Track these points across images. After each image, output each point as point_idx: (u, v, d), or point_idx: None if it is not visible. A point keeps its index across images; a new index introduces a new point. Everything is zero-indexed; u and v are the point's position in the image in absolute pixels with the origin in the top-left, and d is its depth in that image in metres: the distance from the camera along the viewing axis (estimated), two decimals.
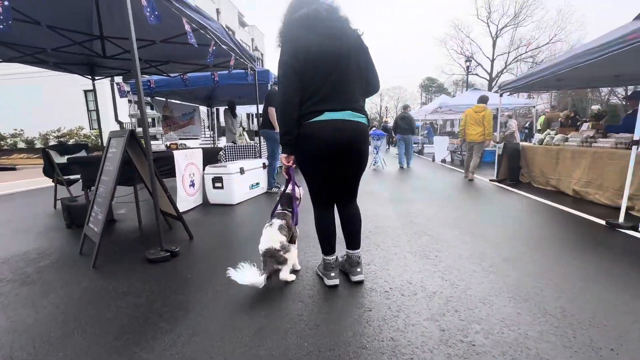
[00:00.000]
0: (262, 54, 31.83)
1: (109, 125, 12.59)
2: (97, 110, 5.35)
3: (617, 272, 2.22)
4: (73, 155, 3.96)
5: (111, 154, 2.69)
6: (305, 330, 1.59)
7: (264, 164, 5.23)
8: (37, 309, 1.85)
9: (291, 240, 2.15)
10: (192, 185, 4.38)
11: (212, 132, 10.68)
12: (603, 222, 3.39)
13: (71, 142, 6.77)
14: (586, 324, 1.63)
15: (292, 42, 1.71)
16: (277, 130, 5.06)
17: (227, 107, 7.62)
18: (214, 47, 3.51)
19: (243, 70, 5.36)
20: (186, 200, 4.17)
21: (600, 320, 1.66)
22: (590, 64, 4.04)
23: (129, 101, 14.12)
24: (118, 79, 6.34)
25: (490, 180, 6.52)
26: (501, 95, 6.79)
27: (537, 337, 1.52)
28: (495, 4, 28.68)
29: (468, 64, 18.73)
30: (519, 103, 11.69)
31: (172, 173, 3.96)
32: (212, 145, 10.53)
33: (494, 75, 29.18)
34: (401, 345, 1.48)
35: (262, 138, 5.75)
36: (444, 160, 10.78)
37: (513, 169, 6.33)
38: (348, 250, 2.10)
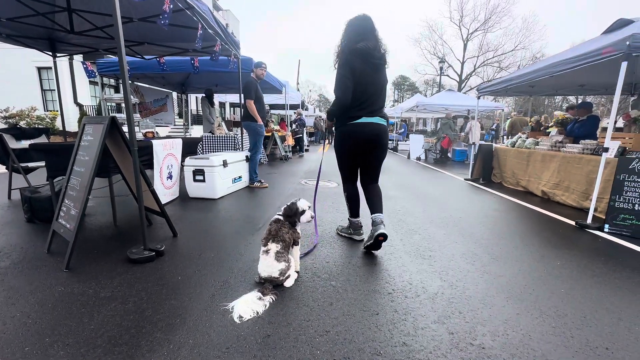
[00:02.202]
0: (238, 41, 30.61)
1: (67, 107, 11.50)
2: (58, 91, 4.80)
3: (595, 270, 2.38)
4: (36, 141, 3.53)
5: (86, 142, 2.41)
6: (315, 337, 1.53)
7: (246, 156, 5.03)
8: (3, 321, 1.62)
9: (294, 242, 2.06)
10: (170, 177, 4.11)
11: (185, 121, 10.12)
12: (573, 223, 3.64)
13: (22, 123, 6.08)
14: (579, 323, 1.72)
15: (350, 65, 2.40)
16: (259, 122, 4.92)
17: (204, 95, 7.23)
18: (201, 31, 3.26)
19: (225, 57, 5.08)
20: (163, 193, 3.91)
21: (591, 320, 1.76)
22: (563, 73, 4.30)
23: (91, 82, 13.00)
24: (79, 57, 5.76)
25: (465, 179, 6.80)
26: (479, 98, 7.05)
27: (540, 338, 1.58)
28: (467, 8, 29.62)
29: (441, 64, 19.31)
30: (489, 106, 12.29)
31: (149, 164, 3.68)
32: (184, 134, 10.02)
33: (463, 77, 30.42)
34: (414, 350, 1.47)
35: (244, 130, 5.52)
36: (418, 158, 11.09)
37: (486, 169, 6.65)
38: (373, 215, 2.58)
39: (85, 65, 5.01)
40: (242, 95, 5.49)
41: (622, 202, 3.31)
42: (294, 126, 13.16)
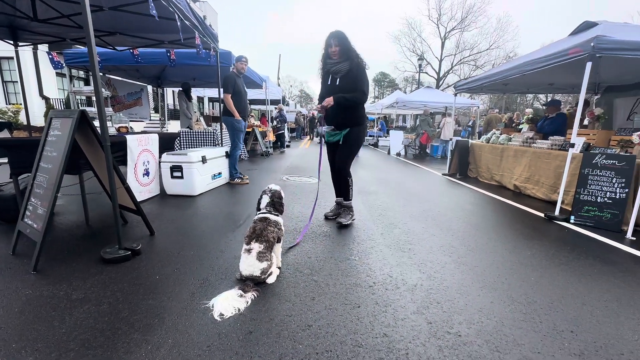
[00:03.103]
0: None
1: (31, 101, 10.82)
2: (21, 83, 4.49)
3: (562, 259, 2.53)
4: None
5: (54, 137, 2.28)
6: (297, 332, 1.53)
7: (226, 152, 4.93)
8: None
9: (277, 240, 2.05)
10: (147, 174, 3.96)
11: (161, 116, 9.77)
12: (542, 215, 3.84)
13: None
14: (547, 309, 1.83)
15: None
16: (237, 117, 4.83)
17: (181, 89, 7.01)
18: (179, 23, 3.15)
19: (204, 50, 4.94)
20: (138, 190, 3.77)
21: (558, 305, 1.87)
22: (534, 72, 4.49)
23: (58, 74, 12.29)
24: (43, 46, 5.43)
25: (443, 174, 6.99)
26: (456, 95, 7.25)
27: (511, 325, 1.66)
28: (445, 7, 30.26)
29: (420, 62, 19.67)
30: (465, 103, 12.67)
31: (123, 161, 3.53)
32: (160, 129, 9.69)
33: (441, 74, 31.14)
34: (395, 340, 1.51)
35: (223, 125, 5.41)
36: (398, 154, 11.29)
37: (463, 165, 6.87)
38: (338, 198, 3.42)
39: (51, 56, 4.72)
40: (220, 90, 5.38)
41: (587, 194, 3.52)
42: (274, 122, 13.04)
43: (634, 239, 3.07)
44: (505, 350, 1.47)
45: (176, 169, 3.98)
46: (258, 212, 2.12)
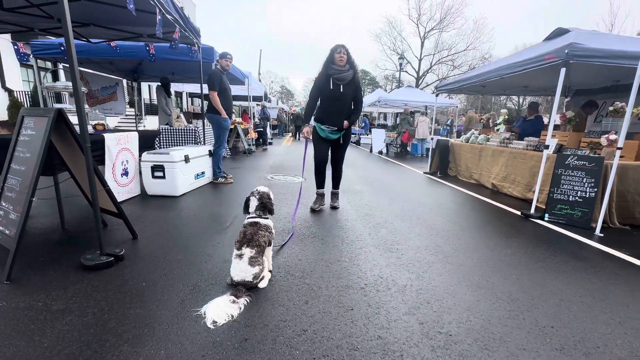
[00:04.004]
0: None
1: None
2: None
3: (539, 256, 2.67)
4: None
5: (27, 137, 2.14)
6: (293, 338, 1.53)
7: (209, 151, 4.81)
8: None
9: (268, 243, 2.03)
10: (125, 174, 3.80)
11: (137, 111, 9.39)
12: (519, 213, 4.02)
13: None
14: (529, 305, 1.92)
15: None
16: (224, 115, 4.73)
17: (159, 84, 6.75)
18: (159, 16, 3.02)
19: (185, 45, 4.78)
20: (117, 191, 3.60)
21: (538, 302, 1.97)
22: (511, 75, 4.68)
23: (22, 65, 11.50)
24: (6, 35, 5.06)
25: (424, 172, 7.17)
26: (437, 96, 7.43)
27: (498, 322, 1.74)
28: (424, 7, 30.82)
29: (401, 61, 19.98)
30: (444, 102, 13.02)
31: (101, 160, 3.37)
32: (136, 125, 9.31)
33: (420, 73, 31.77)
34: (389, 342, 1.54)
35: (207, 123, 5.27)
36: (380, 152, 11.45)
37: (443, 163, 7.06)
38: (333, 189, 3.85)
39: (16, 47, 4.40)
40: (202, 86, 5.23)
41: (559, 193, 3.72)
42: (256, 120, 12.86)
43: (602, 235, 3.29)
44: (493, 348, 1.53)
45: (158, 169, 3.84)
46: (247, 216, 2.09)
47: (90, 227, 2.87)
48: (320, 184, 3.78)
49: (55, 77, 11.22)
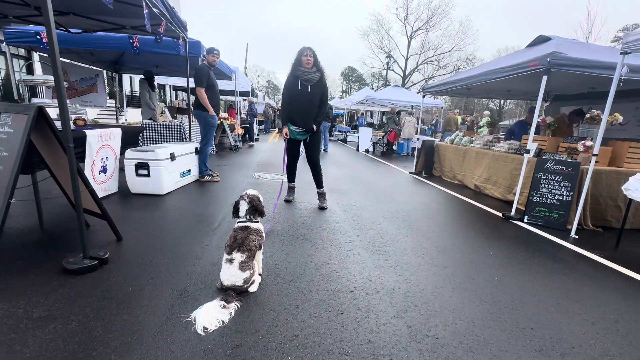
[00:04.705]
0: None
1: None
2: None
3: (519, 257, 2.78)
4: None
5: (4, 135, 2.03)
6: (285, 343, 1.54)
7: (196, 148, 4.72)
8: None
9: (259, 247, 2.02)
10: (104, 171, 3.68)
11: (117, 103, 9.06)
12: (500, 214, 4.17)
13: None
14: (510, 307, 2.01)
15: None
16: (211, 112, 4.64)
17: (143, 77, 6.54)
18: (147, 10, 2.92)
19: (170, 39, 4.65)
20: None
21: (518, 304, 2.06)
22: (497, 80, 4.82)
23: None
24: None
25: (410, 172, 7.29)
26: (424, 97, 7.54)
27: (481, 325, 1.81)
28: (412, 6, 31.00)
29: (388, 59, 20.13)
30: (429, 103, 13.23)
31: (81, 157, 3.25)
32: (116, 119, 9.00)
33: (407, 72, 32.12)
34: (379, 346, 1.57)
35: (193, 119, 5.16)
36: (367, 151, 11.54)
37: (428, 163, 7.21)
38: (317, 189, 3.97)
39: None
40: (189, 81, 5.11)
41: (538, 196, 3.88)
42: (243, 115, 12.68)
43: (577, 237, 3.46)
44: (478, 350, 1.60)
45: (142, 167, 3.74)
46: (237, 220, 2.07)
47: (71, 227, 2.78)
48: (290, 178, 4.09)
49: (29, 65, 10.65)
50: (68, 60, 6.63)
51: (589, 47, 5.00)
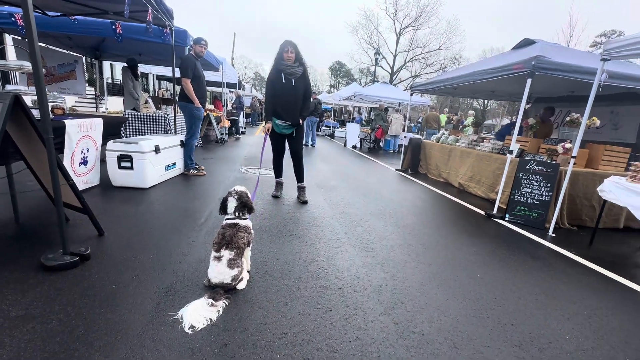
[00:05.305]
0: None
1: None
2: None
3: (500, 255, 2.88)
4: None
5: None
6: (274, 341, 1.54)
7: (181, 141, 4.60)
8: None
9: (247, 244, 2.00)
10: (84, 163, 3.54)
11: (97, 91, 8.70)
12: (482, 212, 4.29)
13: None
14: (492, 304, 2.08)
15: None
16: (197, 104, 4.53)
17: (126, 65, 6.29)
18: None
19: (157, 27, 4.48)
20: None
21: (500, 300, 2.14)
22: (482, 81, 4.92)
23: None
24: None
25: (396, 169, 7.38)
26: (412, 94, 7.62)
27: (465, 321, 1.87)
28: (401, 3, 31.11)
29: (377, 56, 20.16)
30: (417, 100, 13.36)
31: (60, 148, 3.11)
32: (96, 107, 8.64)
33: (394, 69, 32.30)
34: (367, 343, 1.60)
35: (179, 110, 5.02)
36: (354, 147, 11.59)
37: (414, 161, 7.31)
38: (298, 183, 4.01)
39: None
40: (174, 71, 4.95)
41: (520, 196, 4.01)
42: (231, 107, 12.45)
43: (554, 235, 3.61)
44: (462, 346, 1.65)
45: (125, 159, 3.62)
46: (226, 217, 2.04)
47: (47, 221, 2.66)
48: (278, 173, 4.09)
49: (1, 52, 10.04)
50: (45, 45, 6.29)
51: (571, 52, 5.18)
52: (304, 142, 4.16)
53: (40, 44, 6.17)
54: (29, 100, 2.78)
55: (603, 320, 2.02)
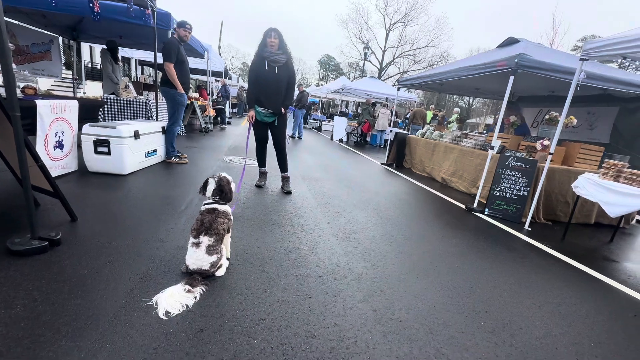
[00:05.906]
0: None
1: None
2: None
3: (478, 247, 2.95)
4: None
5: None
6: (251, 327, 1.53)
7: (163, 128, 4.46)
8: None
9: (227, 230, 1.96)
10: (60, 147, 3.38)
11: (75, 75, 8.31)
12: (463, 206, 4.38)
13: None
14: (468, 292, 2.13)
15: None
16: (180, 89, 4.39)
17: (105, 47, 6.03)
18: None
19: (137, 7, 4.30)
20: (49, 166, 3.20)
21: (476, 289, 2.19)
22: (467, 78, 4.99)
23: None
24: None
25: (382, 163, 7.44)
26: (398, 90, 7.66)
27: (441, 308, 1.91)
28: None
29: (366, 50, 20.14)
30: (404, 96, 13.47)
31: (31, 130, 2.96)
32: (73, 91, 8.27)
33: (383, 65, 32.42)
34: (345, 329, 1.61)
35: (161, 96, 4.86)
36: (341, 140, 11.59)
37: (399, 155, 7.39)
38: (282, 173, 3.98)
39: None
40: (156, 55, 4.79)
41: (499, 191, 4.12)
42: (217, 97, 12.18)
43: (530, 229, 3.73)
44: (437, 331, 1.68)
45: (102, 144, 3.48)
46: (204, 202, 1.99)
47: (13, 204, 2.54)
48: (261, 163, 4.05)
49: None
50: (17, 22, 5.94)
51: (553, 52, 5.31)
52: (290, 134, 4.13)
53: (10, 19, 5.84)
54: None
55: (571, 309, 2.11)
